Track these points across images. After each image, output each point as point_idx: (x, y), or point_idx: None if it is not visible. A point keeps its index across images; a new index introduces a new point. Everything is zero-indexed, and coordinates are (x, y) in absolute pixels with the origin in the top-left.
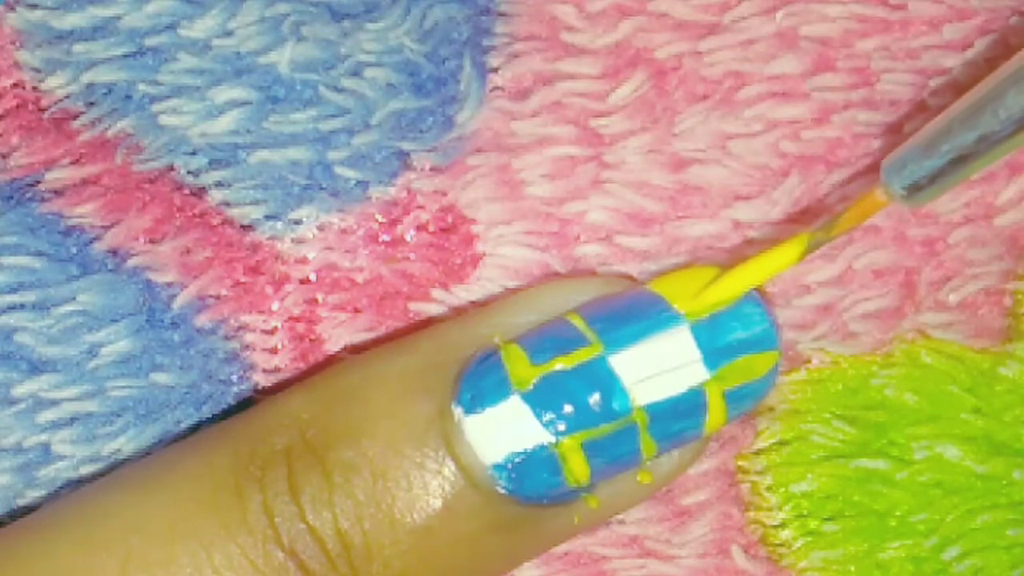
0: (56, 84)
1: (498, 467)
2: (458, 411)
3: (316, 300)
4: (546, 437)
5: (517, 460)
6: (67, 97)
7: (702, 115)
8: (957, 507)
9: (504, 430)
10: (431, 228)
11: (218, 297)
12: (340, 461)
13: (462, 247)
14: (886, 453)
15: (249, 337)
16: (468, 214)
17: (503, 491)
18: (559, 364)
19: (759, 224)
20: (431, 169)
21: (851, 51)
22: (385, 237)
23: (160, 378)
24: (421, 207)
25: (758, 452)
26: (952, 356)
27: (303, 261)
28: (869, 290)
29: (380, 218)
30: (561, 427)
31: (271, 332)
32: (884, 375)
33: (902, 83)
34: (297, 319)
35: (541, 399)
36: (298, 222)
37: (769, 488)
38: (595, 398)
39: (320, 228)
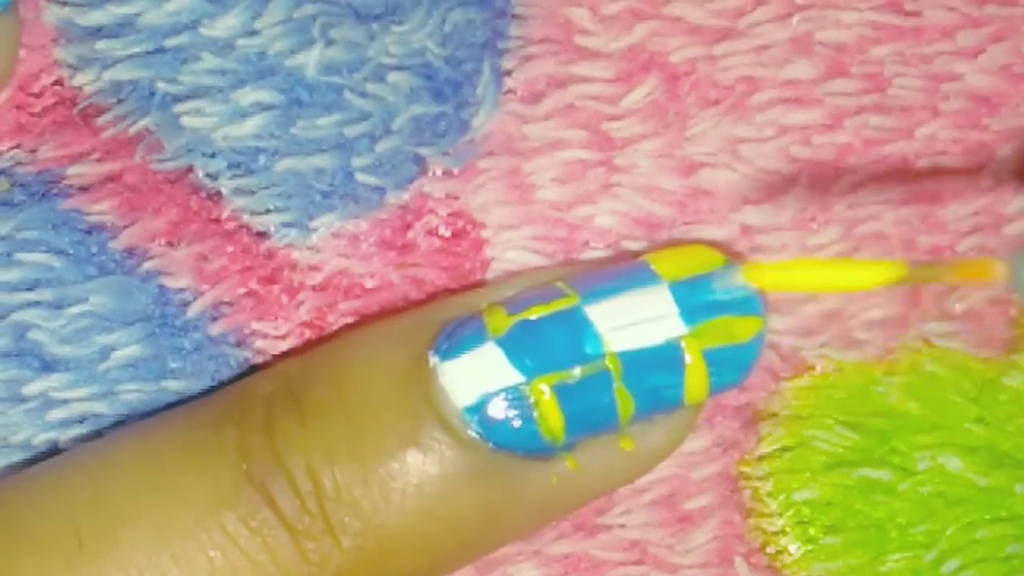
0: (85, 81)
1: (470, 409)
2: (434, 359)
3: (328, 307)
4: (516, 377)
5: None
6: (96, 94)
7: (714, 120)
8: (958, 519)
9: (477, 372)
10: (442, 233)
11: (232, 305)
12: (315, 401)
13: (472, 252)
14: (889, 462)
15: (260, 343)
16: (478, 218)
17: (476, 435)
18: (535, 312)
19: (768, 229)
20: (443, 173)
21: (865, 57)
22: (397, 242)
23: (171, 384)
24: (432, 211)
25: (760, 458)
26: (956, 365)
27: (316, 268)
28: (874, 297)
29: (392, 223)
30: (531, 367)
31: (282, 338)
32: (887, 383)
33: (914, 88)
34: (308, 325)
35: (514, 343)
36: (314, 229)
37: (770, 494)
38: (567, 341)
39: (334, 235)
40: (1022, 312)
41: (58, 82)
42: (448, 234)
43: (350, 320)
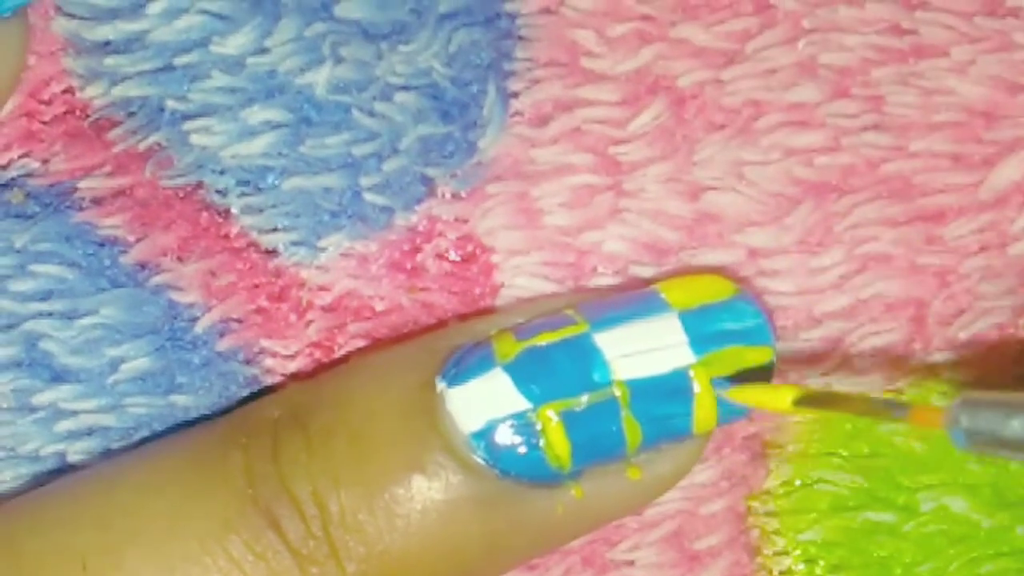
0: (94, 94)
1: (477, 435)
2: (441, 384)
3: (337, 327)
4: (523, 404)
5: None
6: (106, 107)
7: (721, 144)
8: (961, 556)
9: (483, 398)
10: (451, 256)
11: (241, 322)
12: (320, 426)
13: (482, 277)
14: (893, 503)
15: (269, 362)
16: (487, 242)
17: (482, 461)
18: (543, 339)
19: (772, 252)
20: (451, 196)
21: (866, 78)
22: (406, 265)
23: (179, 399)
24: (442, 235)
25: (767, 494)
26: None
27: (326, 288)
28: (878, 324)
29: (402, 246)
30: (538, 393)
31: (291, 357)
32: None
33: (910, 104)
34: (317, 345)
35: (522, 369)
36: (323, 249)
37: (777, 532)
38: (575, 368)
39: (343, 255)
40: None
41: (68, 91)
42: (458, 258)
43: (360, 342)
